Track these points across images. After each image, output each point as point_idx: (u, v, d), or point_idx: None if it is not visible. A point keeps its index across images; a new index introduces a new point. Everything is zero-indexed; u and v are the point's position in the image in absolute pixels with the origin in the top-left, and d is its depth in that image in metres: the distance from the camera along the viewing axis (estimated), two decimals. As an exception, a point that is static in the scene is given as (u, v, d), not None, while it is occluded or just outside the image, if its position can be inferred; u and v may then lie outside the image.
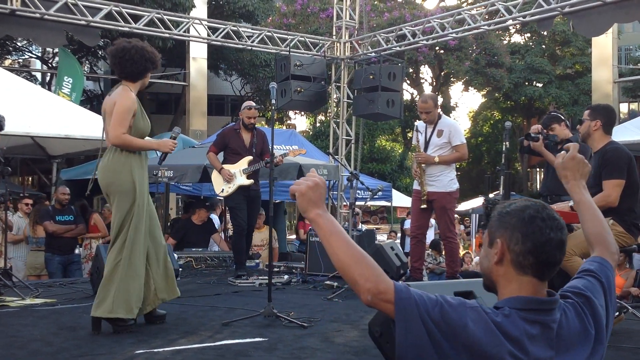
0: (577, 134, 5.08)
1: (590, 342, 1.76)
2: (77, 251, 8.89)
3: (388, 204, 17.26)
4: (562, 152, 2.31)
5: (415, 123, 7.13)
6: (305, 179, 1.79)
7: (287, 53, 10.27)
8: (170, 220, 10.92)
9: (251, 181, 7.15)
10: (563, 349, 1.70)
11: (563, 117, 5.88)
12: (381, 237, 13.95)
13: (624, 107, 30.76)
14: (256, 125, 7.44)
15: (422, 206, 6.55)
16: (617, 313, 4.44)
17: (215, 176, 7.33)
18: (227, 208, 8.87)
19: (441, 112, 6.76)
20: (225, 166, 7.20)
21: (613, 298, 1.92)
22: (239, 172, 7.14)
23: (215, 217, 10.91)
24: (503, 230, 1.76)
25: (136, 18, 9.51)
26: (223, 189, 7.18)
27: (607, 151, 4.54)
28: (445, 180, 6.54)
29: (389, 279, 1.64)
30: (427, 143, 6.59)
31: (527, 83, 26.72)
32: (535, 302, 1.71)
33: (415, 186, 6.69)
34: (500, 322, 1.64)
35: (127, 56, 4.55)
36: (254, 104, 7.40)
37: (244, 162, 7.15)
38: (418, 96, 28.59)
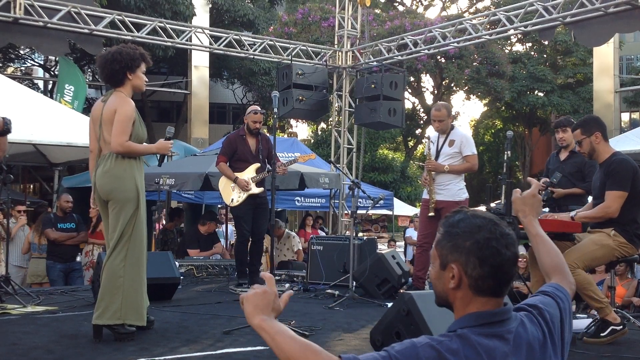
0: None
1: (548, 349, 1.75)
2: (78, 259, 8.89)
3: (389, 212, 17.20)
4: (517, 189, 2.32)
5: (427, 133, 7.15)
6: (256, 286, 1.72)
7: (289, 62, 10.31)
8: (159, 231, 10.71)
9: (261, 189, 7.08)
10: (525, 357, 1.68)
11: None
12: (382, 247, 13.92)
13: (625, 117, 30.77)
14: (260, 131, 7.36)
15: (430, 214, 6.55)
16: (620, 326, 4.44)
17: (223, 186, 7.17)
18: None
19: (454, 124, 6.78)
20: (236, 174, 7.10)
21: (569, 320, 1.90)
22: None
23: None
24: (457, 254, 1.71)
25: (139, 27, 9.54)
26: (233, 199, 7.07)
27: (612, 162, 4.53)
28: (454, 190, 6.54)
29: (334, 357, 1.61)
30: (438, 152, 6.60)
31: (529, 92, 26.75)
32: (488, 315, 1.68)
33: (424, 195, 6.69)
34: (457, 349, 1.60)
35: (104, 64, 4.49)
36: (260, 109, 7.35)
37: (251, 170, 7.07)
38: (419, 105, 28.71)
